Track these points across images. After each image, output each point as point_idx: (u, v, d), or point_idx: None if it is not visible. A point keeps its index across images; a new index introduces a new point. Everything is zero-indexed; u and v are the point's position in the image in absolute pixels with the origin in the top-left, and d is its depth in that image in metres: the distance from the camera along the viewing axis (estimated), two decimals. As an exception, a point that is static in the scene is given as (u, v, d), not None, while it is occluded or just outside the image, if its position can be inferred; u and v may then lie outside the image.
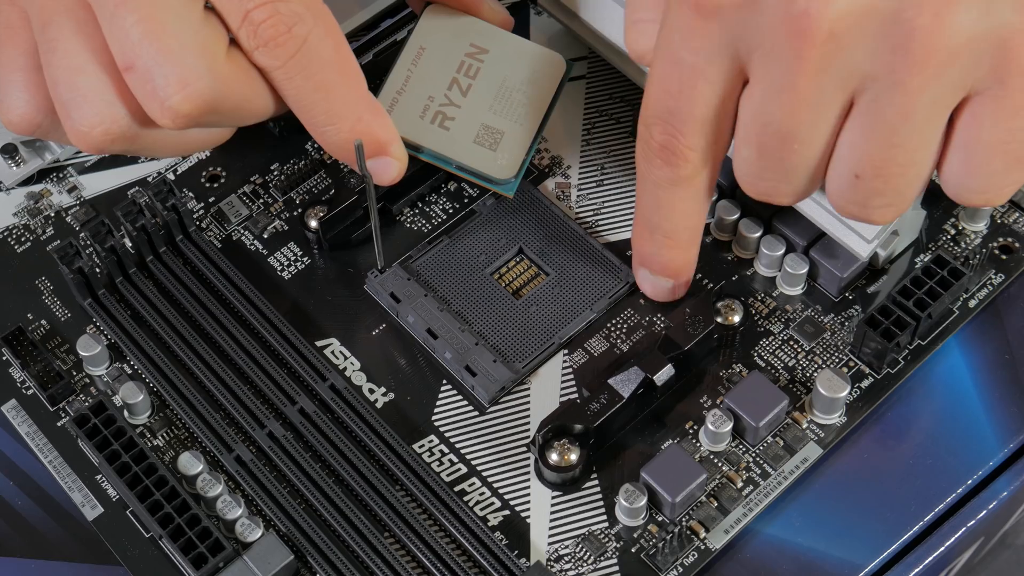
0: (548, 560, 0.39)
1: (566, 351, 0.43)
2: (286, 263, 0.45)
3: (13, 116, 0.39)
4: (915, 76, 0.34)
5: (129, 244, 0.44)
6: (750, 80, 0.37)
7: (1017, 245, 0.45)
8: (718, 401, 0.42)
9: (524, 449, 0.41)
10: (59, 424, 0.42)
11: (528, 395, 0.42)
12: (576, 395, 0.42)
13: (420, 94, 0.41)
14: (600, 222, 0.46)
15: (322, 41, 0.38)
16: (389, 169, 0.42)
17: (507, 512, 0.40)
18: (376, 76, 0.48)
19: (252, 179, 0.47)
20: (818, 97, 0.35)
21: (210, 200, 0.47)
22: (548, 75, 0.44)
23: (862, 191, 0.37)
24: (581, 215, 0.46)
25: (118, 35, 0.36)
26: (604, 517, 0.40)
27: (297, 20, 0.38)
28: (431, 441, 0.41)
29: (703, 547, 0.39)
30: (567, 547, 0.39)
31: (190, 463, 0.40)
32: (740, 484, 0.40)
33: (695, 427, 0.41)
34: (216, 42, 0.37)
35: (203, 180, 0.48)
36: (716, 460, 0.41)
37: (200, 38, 0.36)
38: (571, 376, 0.43)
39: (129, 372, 0.43)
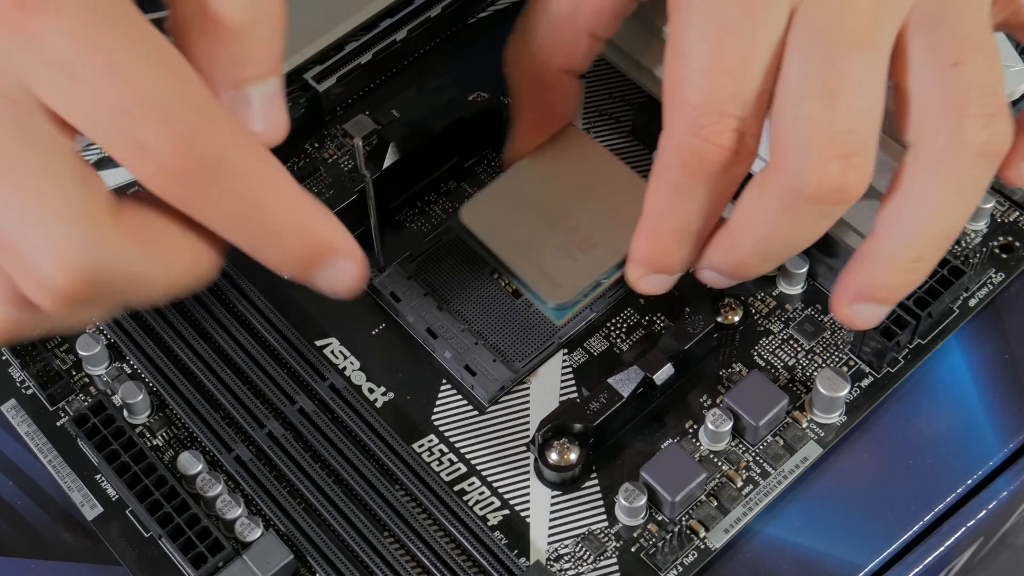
0: (548, 559, 0.39)
1: (566, 351, 0.43)
2: (286, 263, 0.45)
3: None
4: None
5: (129, 244, 0.44)
6: (796, 23, 0.34)
7: (1018, 244, 0.45)
8: (718, 400, 0.42)
9: (524, 449, 0.41)
10: (58, 424, 0.42)
11: (528, 395, 0.42)
12: (576, 395, 0.42)
13: (549, 252, 0.42)
14: (600, 221, 0.46)
15: (235, 148, 0.31)
16: (346, 273, 0.34)
17: (507, 511, 0.40)
18: (376, 76, 0.48)
19: (252, 179, 0.47)
20: (881, 10, 0.34)
21: (210, 200, 0.47)
22: (580, 144, 0.44)
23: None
24: (581, 214, 0.46)
25: None
26: (604, 516, 0.40)
27: (195, 133, 0.30)
28: (431, 441, 0.41)
29: (703, 546, 0.39)
30: (567, 546, 0.39)
31: (189, 463, 0.40)
32: (740, 483, 0.40)
33: (695, 426, 0.41)
34: (96, 200, 0.30)
35: (203, 180, 0.47)
36: (716, 459, 0.41)
37: (77, 197, 0.29)
38: (571, 376, 0.43)
39: (128, 372, 0.43)
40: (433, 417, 0.42)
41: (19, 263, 0.30)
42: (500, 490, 0.41)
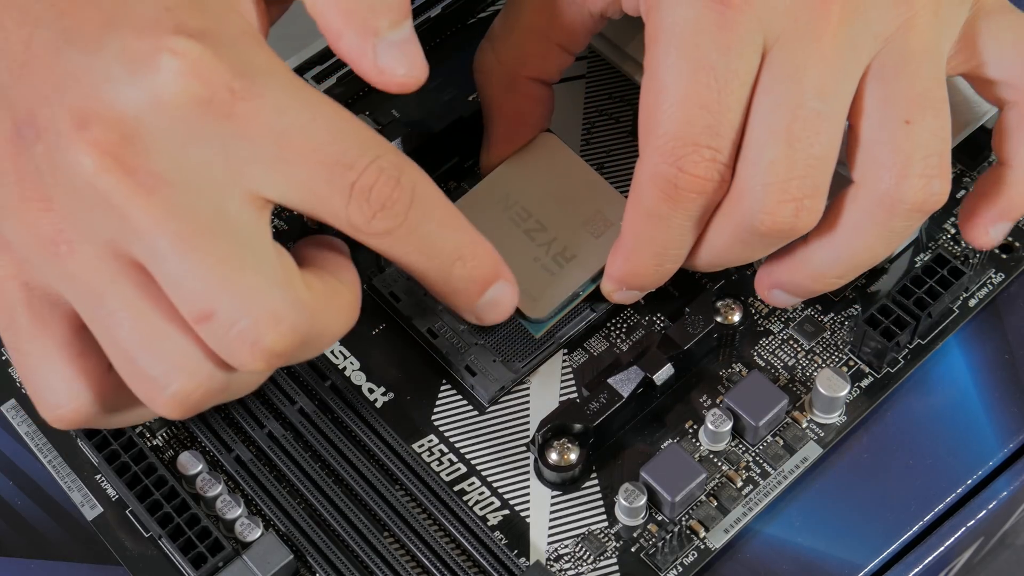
0: (548, 560, 0.39)
1: (566, 351, 0.43)
2: (286, 263, 0.45)
3: (65, 411, 0.35)
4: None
5: (129, 244, 0.44)
6: (768, 64, 0.36)
7: (1017, 244, 0.45)
8: (718, 400, 0.42)
9: (524, 449, 0.41)
10: (59, 424, 0.42)
11: (528, 395, 0.42)
12: (576, 395, 0.42)
13: (526, 265, 0.42)
14: (600, 222, 0.46)
15: (423, 177, 0.34)
16: (509, 296, 0.37)
17: (507, 512, 0.40)
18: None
19: (252, 179, 0.47)
20: (844, 62, 0.36)
21: (210, 200, 0.47)
22: (555, 153, 0.44)
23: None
24: (581, 215, 0.46)
25: (191, 285, 0.31)
26: (604, 517, 0.40)
27: (400, 169, 0.33)
28: (431, 441, 0.41)
29: (703, 547, 0.39)
30: (567, 547, 0.39)
31: (189, 463, 0.40)
32: (740, 483, 0.40)
33: (695, 426, 0.41)
34: (294, 270, 0.33)
35: (203, 180, 0.47)
36: (716, 459, 0.41)
37: (279, 269, 0.32)
38: (571, 376, 0.43)
39: (129, 372, 0.43)
40: (433, 417, 0.42)
41: (234, 331, 0.32)
42: (500, 490, 0.41)
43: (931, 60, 0.37)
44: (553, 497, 0.40)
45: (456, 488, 0.41)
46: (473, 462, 0.41)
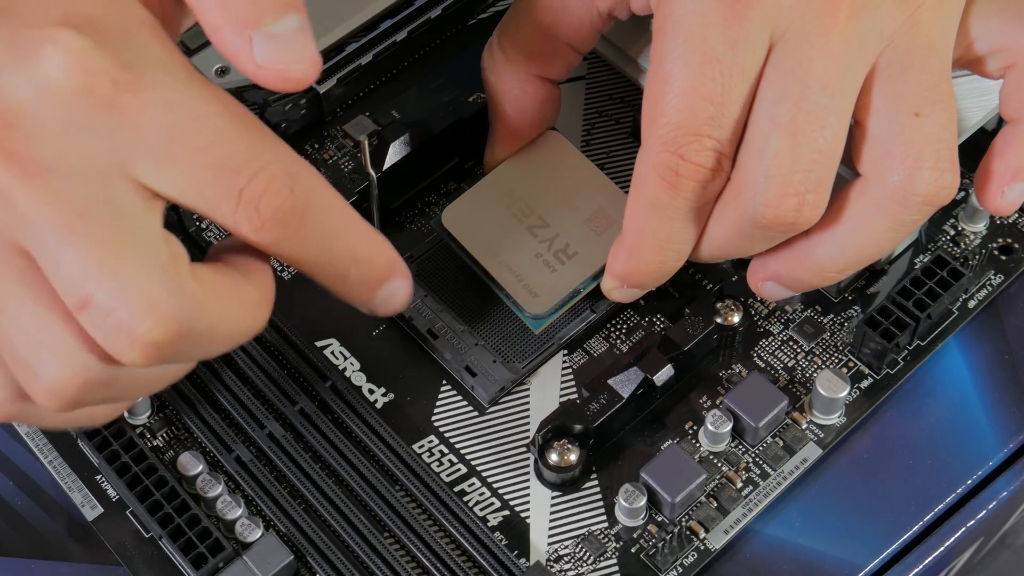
0: (548, 560, 0.39)
1: (566, 351, 0.43)
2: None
3: None
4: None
5: (129, 244, 0.44)
6: (774, 59, 0.36)
7: (1017, 245, 0.45)
8: (718, 401, 0.42)
9: (524, 449, 0.41)
10: (59, 424, 0.42)
11: (528, 395, 0.42)
12: (576, 395, 0.42)
13: (528, 261, 0.42)
14: (600, 222, 0.46)
15: (318, 183, 0.33)
16: (403, 291, 0.37)
17: (507, 512, 0.40)
18: (376, 76, 0.49)
19: (252, 179, 0.47)
20: (851, 58, 0.36)
21: (210, 200, 0.47)
22: (560, 151, 0.44)
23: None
24: (581, 215, 0.46)
25: (69, 270, 0.31)
26: (604, 517, 0.40)
27: (293, 177, 0.32)
28: (431, 441, 0.42)
29: (703, 547, 0.39)
30: (567, 547, 0.39)
31: (190, 463, 0.40)
32: (740, 484, 0.40)
33: (695, 427, 0.41)
34: (183, 260, 0.32)
35: (203, 180, 0.47)
36: (716, 460, 0.41)
37: (165, 257, 0.32)
38: (571, 376, 0.43)
39: (129, 372, 0.43)
40: (433, 418, 0.42)
41: (111, 320, 0.31)
42: (500, 491, 0.41)
43: (937, 54, 0.37)
44: (553, 498, 0.40)
45: (456, 489, 0.41)
46: (473, 463, 0.41)
